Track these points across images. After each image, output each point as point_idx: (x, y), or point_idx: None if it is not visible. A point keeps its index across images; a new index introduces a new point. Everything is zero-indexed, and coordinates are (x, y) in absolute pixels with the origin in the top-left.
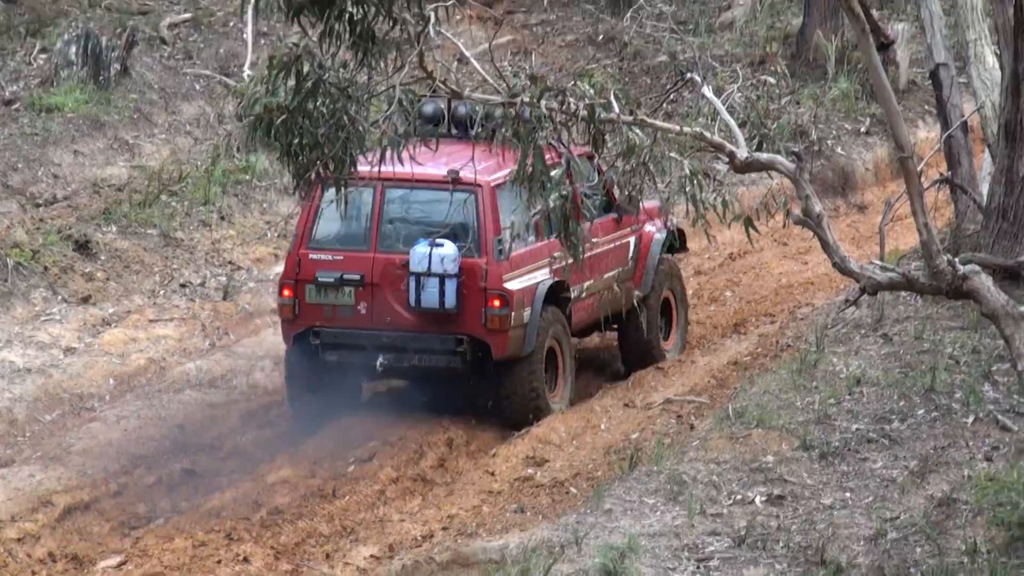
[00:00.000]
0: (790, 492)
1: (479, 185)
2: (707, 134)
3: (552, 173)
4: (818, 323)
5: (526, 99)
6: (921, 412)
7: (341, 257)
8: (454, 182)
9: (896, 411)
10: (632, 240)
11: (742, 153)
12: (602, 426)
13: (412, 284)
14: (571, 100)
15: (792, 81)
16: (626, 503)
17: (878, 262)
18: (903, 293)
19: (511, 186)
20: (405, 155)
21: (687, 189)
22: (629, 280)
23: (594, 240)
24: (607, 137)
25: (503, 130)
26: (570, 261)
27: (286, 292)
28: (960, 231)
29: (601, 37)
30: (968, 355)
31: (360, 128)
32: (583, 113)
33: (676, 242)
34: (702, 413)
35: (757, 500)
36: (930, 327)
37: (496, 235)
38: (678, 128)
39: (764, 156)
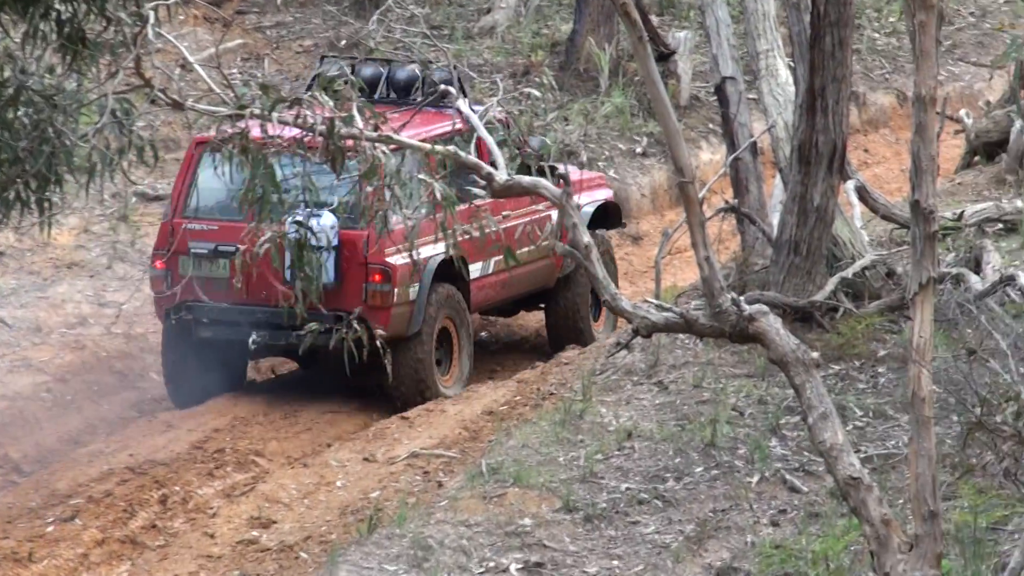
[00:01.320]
0: (550, 559)
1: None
2: (462, 153)
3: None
4: (585, 368)
5: (256, 111)
6: (699, 470)
7: (216, 227)
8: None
9: (671, 468)
10: (554, 214)
11: (501, 175)
12: (338, 483)
13: (288, 257)
14: (308, 113)
15: (560, 94)
16: (363, 570)
17: (653, 300)
18: (681, 336)
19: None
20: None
21: (439, 216)
22: (551, 257)
23: (505, 213)
24: (348, 155)
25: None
26: (468, 236)
27: (158, 264)
28: (747, 266)
29: (344, 42)
30: (753, 406)
31: (67, 142)
32: (321, 128)
33: (610, 216)
34: (452, 469)
35: (512, 568)
36: (711, 374)
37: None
38: (429, 146)
39: (526, 179)
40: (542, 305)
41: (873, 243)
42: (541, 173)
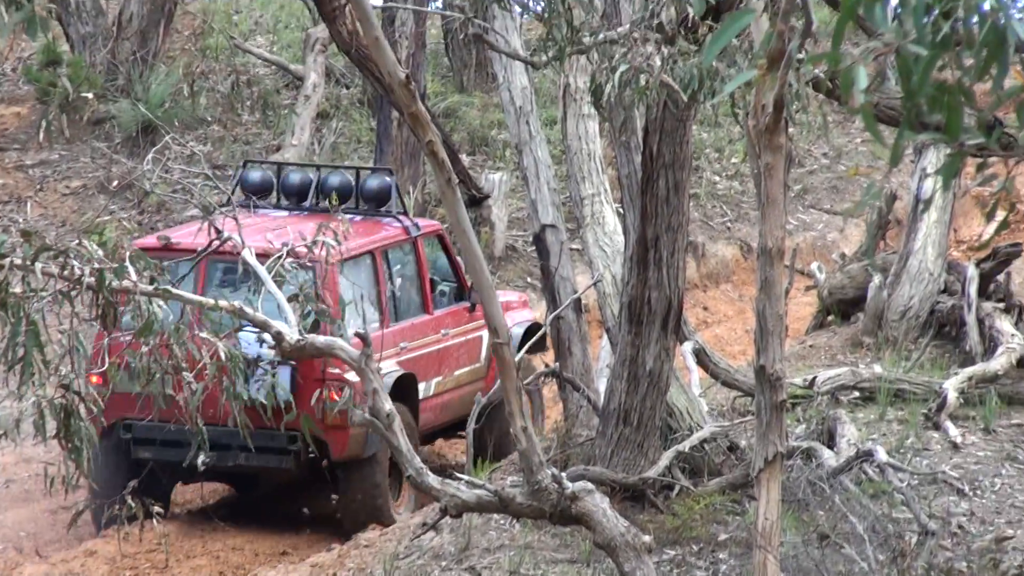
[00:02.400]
0: None
1: (315, 260)
2: (248, 309)
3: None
4: (387, 551)
5: (17, 261)
6: None
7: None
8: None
9: None
10: (484, 335)
11: (292, 334)
12: None
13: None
14: (75, 263)
15: None
16: None
17: (464, 476)
18: (496, 516)
19: (356, 263)
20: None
21: (224, 382)
22: (481, 380)
23: (444, 331)
24: (121, 310)
25: None
26: (419, 353)
27: (94, 379)
28: (570, 437)
29: (116, 183)
30: None
31: None
32: (90, 280)
33: (534, 339)
34: None
35: None
36: (529, 559)
37: (336, 318)
38: (211, 301)
39: (321, 339)
40: (461, 433)
41: (713, 413)
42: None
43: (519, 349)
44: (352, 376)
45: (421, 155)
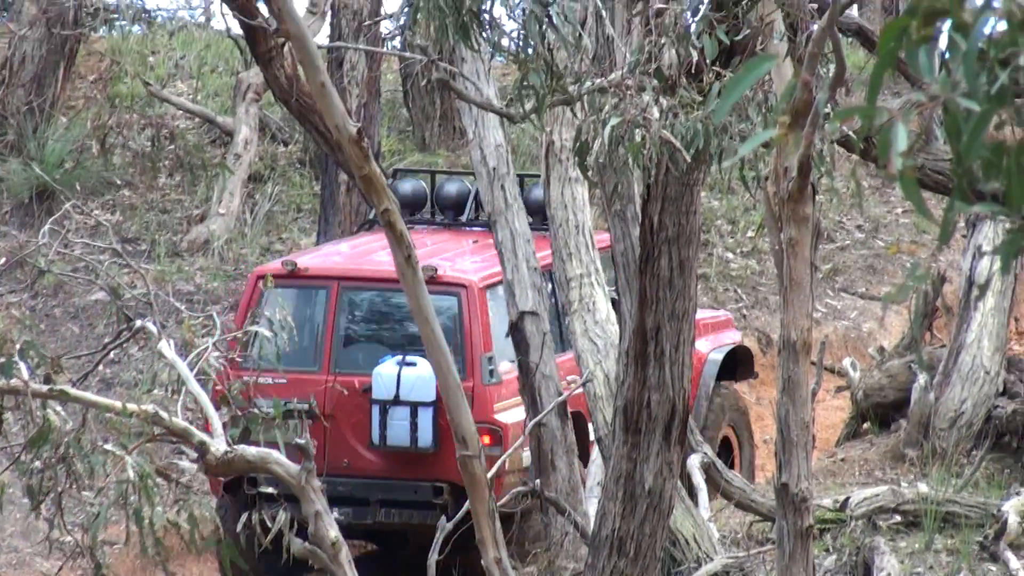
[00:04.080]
0: None
1: (464, 285)
2: (165, 414)
3: None
4: None
5: None
6: None
7: (284, 380)
8: (432, 281)
9: None
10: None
11: (219, 445)
12: None
13: (375, 415)
14: None
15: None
16: None
17: None
18: None
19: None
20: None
21: (131, 500)
22: None
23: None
24: (8, 415)
25: None
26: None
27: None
28: (553, 571)
29: (4, 260)
30: None
31: None
32: None
33: (739, 364)
34: None
35: None
36: None
37: (487, 351)
38: (119, 404)
39: (252, 451)
40: None
41: (726, 541)
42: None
43: (718, 378)
44: (503, 417)
45: (375, 227)
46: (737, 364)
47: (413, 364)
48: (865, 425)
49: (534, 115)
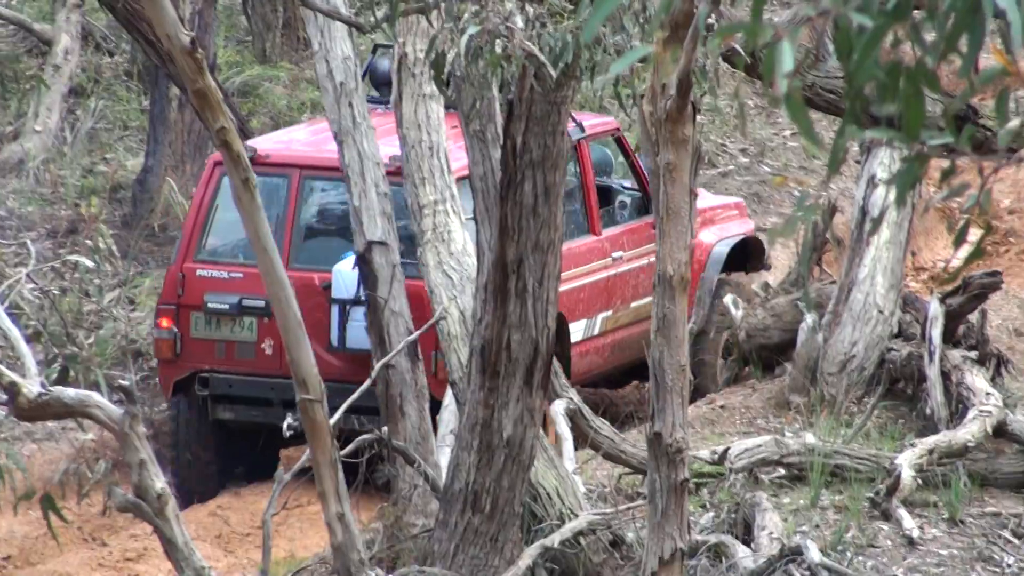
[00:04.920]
0: None
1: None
2: None
3: None
4: None
5: None
6: None
7: (240, 275)
8: (397, 171)
9: None
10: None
11: (32, 387)
12: None
13: (335, 315)
14: None
15: (124, 263)
16: None
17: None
18: None
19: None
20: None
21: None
22: None
23: (616, 254)
24: None
25: None
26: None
27: (164, 322)
28: (401, 528)
29: None
30: None
31: None
32: None
33: (750, 256)
34: None
35: None
36: None
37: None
38: None
39: (71, 393)
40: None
41: (592, 496)
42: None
43: (723, 269)
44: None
45: (210, 146)
46: (748, 256)
47: (344, 257)
48: (747, 369)
49: (386, 24)
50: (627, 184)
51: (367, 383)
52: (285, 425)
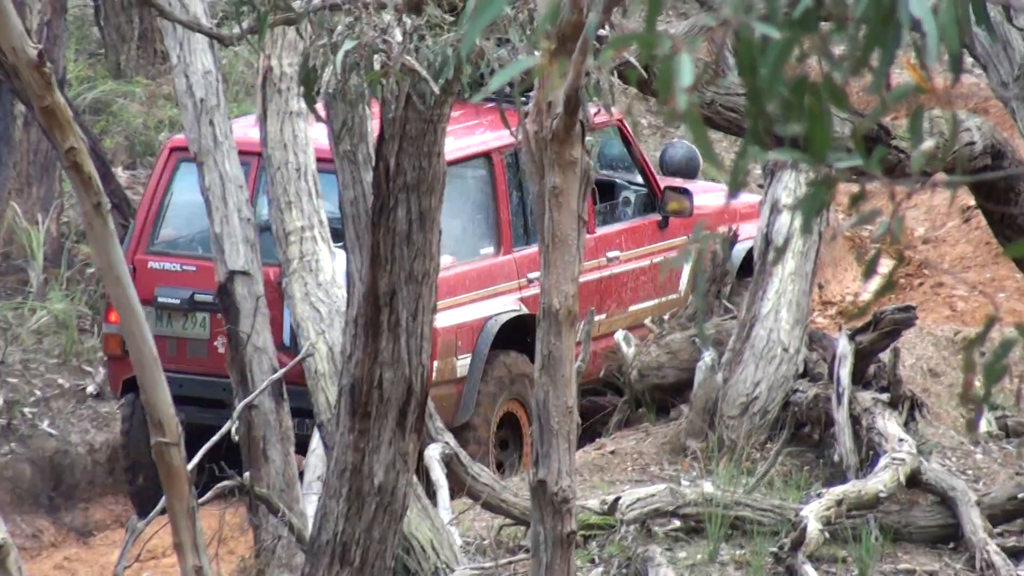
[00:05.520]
0: None
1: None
2: None
3: None
4: None
5: None
6: None
7: (194, 267)
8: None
9: None
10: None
11: None
12: None
13: (288, 313)
14: None
15: None
16: None
17: None
18: None
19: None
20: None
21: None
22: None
23: (612, 254)
24: None
25: None
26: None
27: (112, 316)
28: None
29: None
30: None
31: None
32: None
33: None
34: None
35: None
36: None
37: None
38: None
39: None
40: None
41: (470, 549)
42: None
43: (741, 272)
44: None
45: (59, 167)
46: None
47: (334, 256)
48: (640, 411)
49: (253, 37)
50: (632, 179)
51: (226, 427)
52: (234, 428)
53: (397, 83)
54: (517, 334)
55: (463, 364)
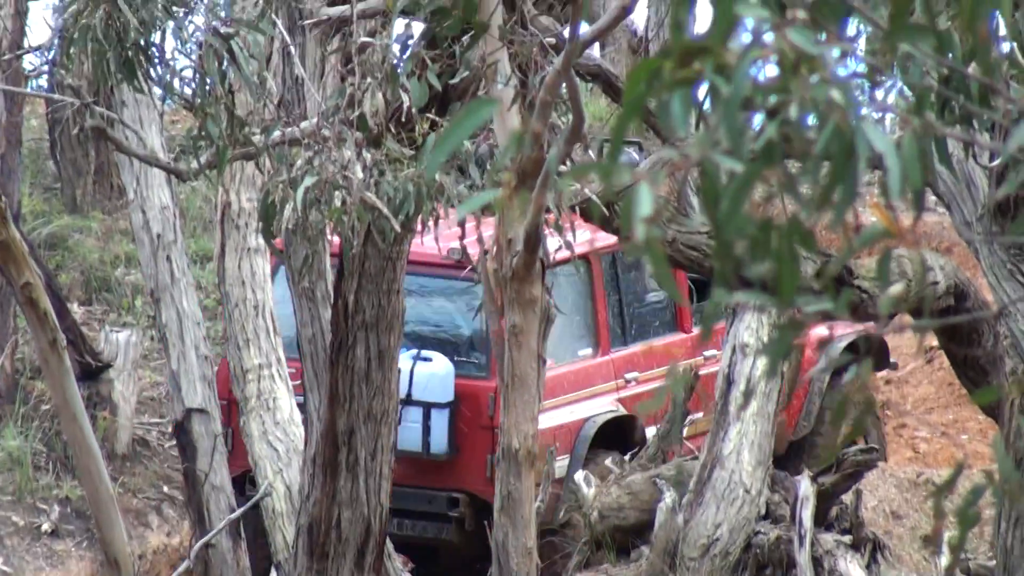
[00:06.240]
0: None
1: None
2: None
3: None
4: None
5: None
6: None
7: (291, 370)
8: (458, 265)
9: None
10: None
11: None
12: None
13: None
14: None
15: None
16: None
17: None
18: None
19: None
20: None
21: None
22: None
23: (631, 375)
24: None
25: None
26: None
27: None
28: None
29: None
30: None
31: None
32: None
33: (871, 355)
34: None
35: None
36: None
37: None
38: None
39: None
40: None
41: None
42: None
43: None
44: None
45: (13, 303)
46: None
47: (428, 360)
48: (600, 553)
49: (211, 171)
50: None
51: (182, 567)
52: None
53: (359, 219)
54: (616, 434)
55: (561, 466)
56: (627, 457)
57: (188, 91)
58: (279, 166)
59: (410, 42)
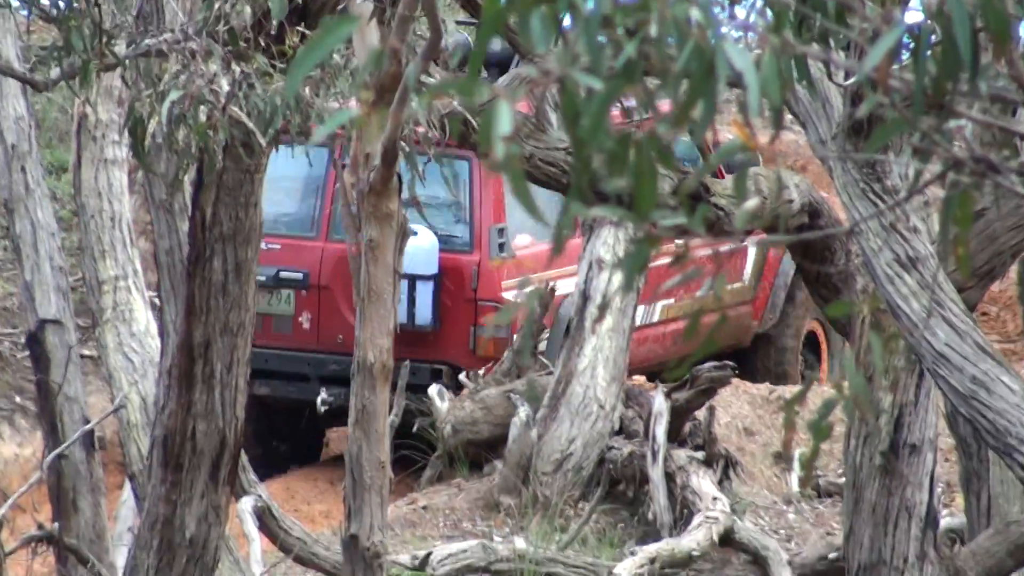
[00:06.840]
0: None
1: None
2: None
3: None
4: None
5: None
6: None
7: (278, 246)
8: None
9: None
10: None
11: None
12: None
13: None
14: None
15: None
16: None
17: None
18: None
19: None
20: None
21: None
22: (747, 304)
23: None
24: None
25: None
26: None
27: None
28: None
29: None
30: None
31: None
32: None
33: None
34: None
35: None
36: None
37: (497, 222)
38: None
39: None
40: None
41: None
42: None
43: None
44: (513, 296)
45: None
46: None
47: (414, 233)
48: (453, 466)
49: (74, 83)
50: None
51: (34, 478)
52: (319, 400)
53: (226, 136)
54: None
55: (542, 341)
56: (481, 371)
57: (46, 1)
58: (145, 80)
59: None
